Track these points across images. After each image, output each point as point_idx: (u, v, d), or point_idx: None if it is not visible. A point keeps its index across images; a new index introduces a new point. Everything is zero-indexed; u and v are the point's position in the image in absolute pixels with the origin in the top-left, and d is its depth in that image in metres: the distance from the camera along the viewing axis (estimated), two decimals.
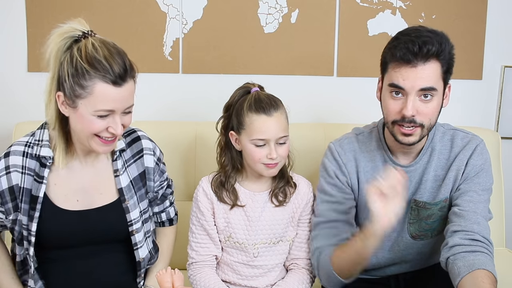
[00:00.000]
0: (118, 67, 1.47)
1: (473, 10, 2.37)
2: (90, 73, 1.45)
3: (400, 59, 1.57)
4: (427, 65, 1.57)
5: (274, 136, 1.68)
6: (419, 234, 1.77)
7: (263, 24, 2.33)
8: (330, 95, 2.40)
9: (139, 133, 1.72)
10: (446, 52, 1.59)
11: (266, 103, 1.69)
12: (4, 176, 1.57)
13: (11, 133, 2.11)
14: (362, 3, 2.34)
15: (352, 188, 1.76)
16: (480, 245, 1.57)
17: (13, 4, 2.26)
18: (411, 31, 1.61)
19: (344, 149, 1.77)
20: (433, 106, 1.61)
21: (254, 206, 1.77)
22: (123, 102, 1.50)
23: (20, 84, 2.31)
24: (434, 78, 1.59)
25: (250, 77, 2.31)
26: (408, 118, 1.59)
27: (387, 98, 1.64)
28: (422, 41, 1.56)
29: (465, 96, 2.44)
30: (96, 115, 1.48)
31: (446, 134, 1.75)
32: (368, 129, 1.81)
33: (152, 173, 1.70)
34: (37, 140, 1.60)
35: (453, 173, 1.70)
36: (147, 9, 2.29)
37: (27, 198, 1.57)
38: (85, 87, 1.46)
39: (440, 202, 1.72)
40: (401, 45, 1.58)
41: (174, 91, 2.35)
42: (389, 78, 1.62)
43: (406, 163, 1.73)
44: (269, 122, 1.68)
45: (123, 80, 1.48)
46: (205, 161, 2.06)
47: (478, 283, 1.46)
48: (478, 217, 1.62)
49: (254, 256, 1.77)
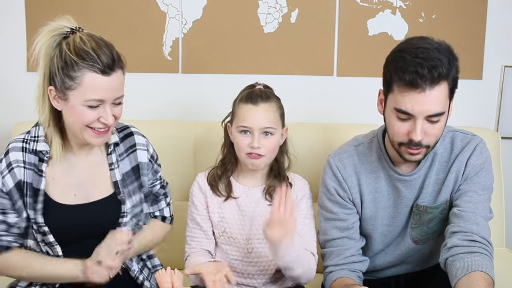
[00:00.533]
0: (105, 57, 1.50)
1: (473, 10, 2.37)
2: (79, 64, 1.49)
3: (409, 84, 1.50)
4: (436, 88, 1.51)
5: (257, 125, 1.70)
6: (421, 239, 1.76)
7: (263, 24, 2.33)
8: (330, 95, 2.39)
9: (132, 129, 1.75)
10: (454, 70, 1.54)
11: (256, 94, 1.74)
12: (8, 174, 1.59)
13: (11, 132, 2.11)
14: (362, 3, 2.34)
15: (354, 202, 1.74)
16: (479, 245, 1.56)
17: (13, 4, 2.27)
18: (417, 51, 1.51)
19: (343, 163, 1.74)
20: (440, 127, 1.58)
21: (248, 201, 1.78)
22: (112, 91, 1.53)
23: (20, 84, 2.31)
24: (442, 101, 1.53)
25: (250, 77, 2.32)
26: (416, 142, 1.56)
27: (392, 119, 1.58)
28: (431, 65, 1.49)
29: (465, 96, 2.43)
30: (87, 105, 1.51)
31: (446, 137, 1.73)
32: (367, 139, 1.77)
33: (146, 169, 1.72)
34: (33, 137, 1.63)
35: (453, 175, 1.69)
36: (147, 9, 2.29)
37: (30, 192, 1.59)
38: (75, 78, 1.50)
39: (440, 205, 1.71)
40: (410, 68, 1.49)
41: (174, 91, 2.35)
42: (395, 101, 1.55)
43: (408, 171, 1.71)
44: (254, 111, 1.71)
45: (111, 69, 1.51)
46: (204, 161, 2.06)
47: (473, 286, 1.46)
48: (477, 218, 1.61)
49: (248, 252, 1.77)
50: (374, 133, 1.78)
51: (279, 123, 1.76)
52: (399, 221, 1.75)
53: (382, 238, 1.78)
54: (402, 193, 1.71)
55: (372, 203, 1.74)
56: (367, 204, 1.74)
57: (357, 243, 1.75)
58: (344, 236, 1.73)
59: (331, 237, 1.74)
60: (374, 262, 1.82)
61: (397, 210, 1.74)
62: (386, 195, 1.73)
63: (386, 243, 1.79)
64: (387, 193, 1.73)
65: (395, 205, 1.74)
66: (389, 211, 1.75)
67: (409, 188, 1.71)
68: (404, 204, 1.73)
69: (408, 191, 1.71)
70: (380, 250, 1.81)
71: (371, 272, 1.83)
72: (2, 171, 1.60)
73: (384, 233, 1.77)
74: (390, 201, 1.74)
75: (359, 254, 1.75)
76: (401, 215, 1.74)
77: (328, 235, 1.75)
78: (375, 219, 1.75)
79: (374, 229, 1.76)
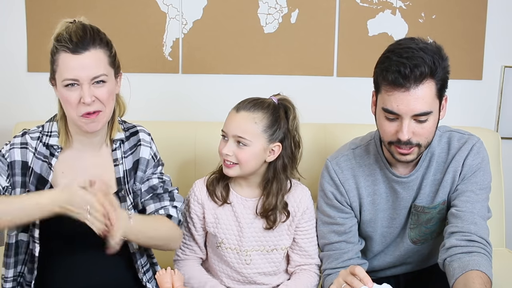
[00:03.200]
0: (76, 36, 1.55)
1: (473, 10, 2.37)
2: (56, 47, 1.56)
3: (392, 83, 1.52)
4: (420, 87, 1.51)
5: (231, 131, 1.69)
6: (419, 239, 1.77)
7: (263, 24, 2.33)
8: (330, 95, 2.39)
9: (138, 128, 1.77)
10: (440, 69, 1.53)
11: (244, 102, 1.72)
12: (19, 149, 1.63)
13: (11, 133, 2.11)
14: (362, 3, 2.34)
15: (351, 206, 1.74)
16: (477, 245, 1.56)
17: (13, 4, 2.27)
18: (402, 51, 1.53)
19: (341, 167, 1.74)
20: (429, 126, 1.57)
21: (246, 213, 1.75)
22: (87, 70, 1.55)
23: (20, 84, 2.31)
24: (428, 101, 1.53)
25: (250, 77, 2.33)
26: (404, 141, 1.56)
27: (381, 119, 1.60)
28: (414, 64, 1.50)
29: (465, 96, 2.44)
30: (64, 86, 1.56)
31: (443, 137, 1.73)
32: (364, 142, 1.78)
33: (145, 165, 1.71)
34: (46, 132, 1.67)
35: (450, 175, 1.70)
36: (147, 9, 2.29)
37: (34, 179, 1.62)
38: (54, 61, 1.57)
39: (438, 205, 1.71)
40: (393, 68, 1.52)
41: (174, 91, 2.35)
42: (382, 101, 1.57)
43: (405, 173, 1.71)
44: (233, 117, 1.70)
45: (83, 48, 1.54)
46: (205, 161, 2.06)
47: (468, 284, 1.46)
48: (475, 217, 1.62)
49: (247, 263, 1.75)
50: (372, 135, 1.78)
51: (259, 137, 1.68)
52: (397, 222, 1.75)
53: (382, 240, 1.78)
54: (400, 194, 1.72)
55: (371, 206, 1.74)
56: (366, 207, 1.74)
57: (355, 247, 1.75)
58: (342, 240, 1.73)
59: (329, 241, 1.75)
60: (374, 263, 1.83)
61: (395, 212, 1.74)
62: (385, 197, 1.73)
63: (385, 244, 1.80)
64: (386, 195, 1.73)
65: (394, 206, 1.74)
66: (388, 213, 1.75)
67: (407, 190, 1.71)
68: (403, 205, 1.73)
69: (406, 193, 1.72)
70: (379, 251, 1.81)
71: (371, 273, 1.83)
72: (14, 144, 1.64)
73: (383, 235, 1.77)
74: (388, 203, 1.74)
75: (358, 257, 1.75)
76: (399, 216, 1.75)
77: (326, 239, 1.76)
78: (374, 221, 1.75)
79: (374, 231, 1.77)
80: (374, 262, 1.82)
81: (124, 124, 1.76)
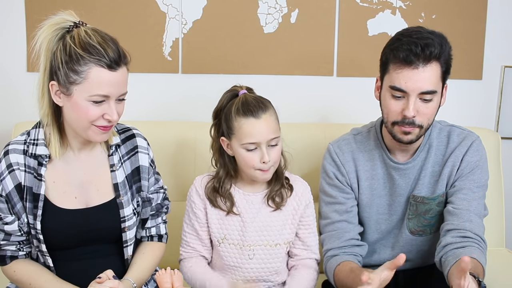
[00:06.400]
0: (112, 52, 1.49)
1: (473, 10, 2.37)
2: (85, 58, 1.46)
3: (403, 60, 1.60)
4: (428, 67, 1.60)
5: (265, 138, 1.65)
6: (417, 230, 1.79)
7: (263, 24, 2.33)
8: (330, 95, 2.40)
9: (134, 131, 1.72)
10: (446, 53, 1.63)
11: (254, 106, 1.66)
12: (8, 176, 1.57)
13: (11, 133, 2.11)
14: (362, 3, 2.34)
15: (351, 187, 1.80)
16: (471, 241, 1.60)
17: (13, 4, 2.26)
18: (412, 32, 1.63)
19: (342, 150, 1.81)
20: (433, 107, 1.65)
21: (249, 207, 1.75)
22: (118, 87, 1.51)
23: (20, 84, 2.30)
24: (434, 81, 1.61)
25: (250, 77, 2.32)
26: (409, 119, 1.62)
27: (387, 98, 1.66)
28: (425, 43, 1.59)
29: (465, 96, 2.44)
30: (91, 101, 1.49)
31: (443, 131, 1.79)
32: (366, 129, 1.85)
33: (147, 173, 1.70)
34: (32, 140, 1.60)
35: (448, 169, 1.74)
36: (147, 9, 2.29)
37: (30, 196, 1.57)
38: (80, 72, 1.47)
39: (438, 197, 1.75)
40: (404, 46, 1.60)
41: (174, 91, 2.35)
42: (390, 79, 1.64)
43: (403, 160, 1.76)
44: (258, 125, 1.64)
45: (118, 65, 1.50)
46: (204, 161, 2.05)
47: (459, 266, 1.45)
48: (471, 215, 1.65)
49: (250, 258, 1.75)
50: (373, 123, 1.85)
51: (279, 129, 1.70)
52: (395, 211, 1.80)
53: (377, 227, 1.82)
54: (396, 181, 1.76)
55: (368, 190, 1.79)
56: (363, 190, 1.79)
57: (356, 228, 1.79)
58: (343, 219, 1.78)
59: (331, 220, 1.79)
60: (375, 256, 1.84)
61: (392, 199, 1.79)
62: (382, 183, 1.79)
63: (381, 232, 1.82)
64: (383, 181, 1.79)
65: (391, 193, 1.79)
66: (385, 199, 1.80)
67: (404, 177, 1.76)
68: (399, 193, 1.77)
69: (402, 180, 1.76)
70: (376, 241, 1.83)
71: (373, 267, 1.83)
72: (2, 173, 1.57)
73: (378, 221, 1.81)
74: (386, 189, 1.79)
75: (358, 239, 1.79)
76: (396, 205, 1.79)
77: (328, 218, 1.80)
78: (370, 207, 1.80)
79: (369, 216, 1.81)
80: (375, 256, 1.84)
81: (116, 126, 1.71)
